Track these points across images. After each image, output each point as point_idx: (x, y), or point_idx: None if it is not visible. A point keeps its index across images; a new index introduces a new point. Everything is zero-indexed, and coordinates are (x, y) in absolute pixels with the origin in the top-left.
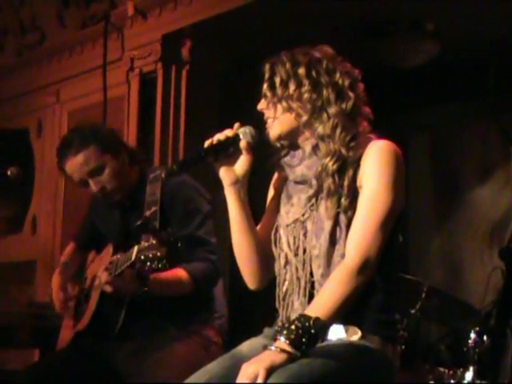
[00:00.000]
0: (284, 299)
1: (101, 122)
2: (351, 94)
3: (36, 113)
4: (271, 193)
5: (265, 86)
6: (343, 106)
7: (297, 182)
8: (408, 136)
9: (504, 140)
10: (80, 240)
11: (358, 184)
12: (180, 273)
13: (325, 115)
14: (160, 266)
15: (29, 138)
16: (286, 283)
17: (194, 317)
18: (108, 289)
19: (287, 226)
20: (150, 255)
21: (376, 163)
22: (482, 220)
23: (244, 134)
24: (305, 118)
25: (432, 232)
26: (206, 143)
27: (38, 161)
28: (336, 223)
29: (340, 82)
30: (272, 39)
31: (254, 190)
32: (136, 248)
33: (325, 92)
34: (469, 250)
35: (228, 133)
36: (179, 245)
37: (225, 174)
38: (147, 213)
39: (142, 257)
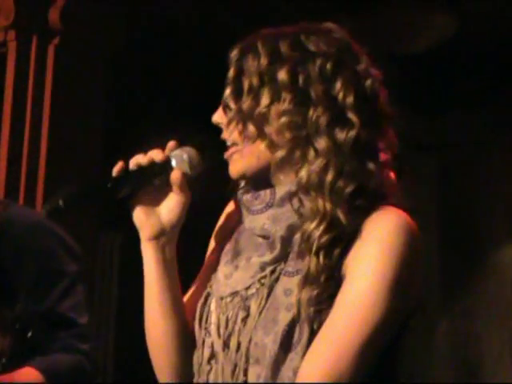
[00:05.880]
0: None
1: None
2: (354, 118)
3: None
4: (212, 245)
5: (227, 90)
6: (341, 135)
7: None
8: (407, 158)
9: None
10: None
11: (342, 271)
12: (30, 375)
13: (311, 151)
14: None
15: None
16: None
17: None
18: None
19: (222, 298)
20: None
21: (377, 246)
22: None
23: (179, 160)
24: (281, 153)
25: (437, 310)
26: (116, 168)
27: None
28: (297, 318)
29: (340, 96)
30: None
31: (187, 243)
32: None
33: (311, 113)
34: (492, 339)
35: (155, 155)
36: (29, 334)
37: (143, 221)
38: None
39: None
